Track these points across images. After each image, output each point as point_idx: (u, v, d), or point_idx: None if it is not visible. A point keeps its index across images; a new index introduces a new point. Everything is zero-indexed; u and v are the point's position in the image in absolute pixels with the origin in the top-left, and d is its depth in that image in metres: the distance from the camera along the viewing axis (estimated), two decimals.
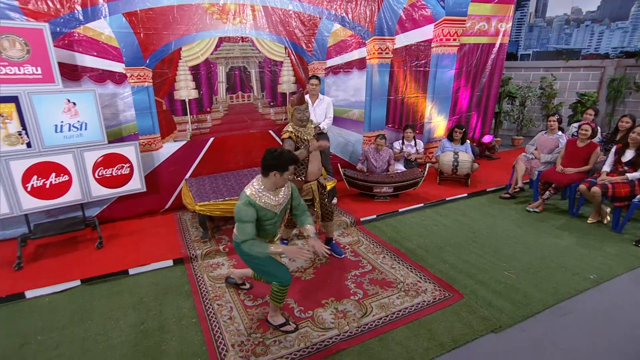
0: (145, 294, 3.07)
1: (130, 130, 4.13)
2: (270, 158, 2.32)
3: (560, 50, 7.70)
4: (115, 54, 3.87)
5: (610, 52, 7.16)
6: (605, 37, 7.30)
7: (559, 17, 7.72)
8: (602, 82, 6.75)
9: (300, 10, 4.61)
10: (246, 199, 2.34)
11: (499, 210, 4.70)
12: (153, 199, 4.42)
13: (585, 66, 6.94)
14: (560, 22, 7.71)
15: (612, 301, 2.92)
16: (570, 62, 7.07)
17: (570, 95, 7.12)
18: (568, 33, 7.68)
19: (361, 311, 2.77)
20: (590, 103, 6.67)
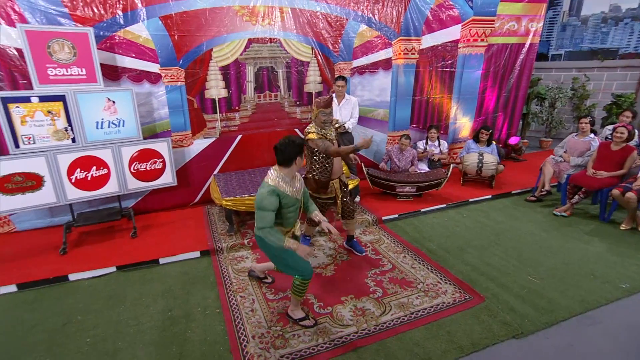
0: (174, 282, 3.13)
1: (164, 127, 4.23)
2: (291, 150, 2.32)
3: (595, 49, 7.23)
4: (151, 55, 3.97)
5: None
6: None
7: (595, 16, 7.29)
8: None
9: (328, 12, 4.56)
10: (270, 188, 2.31)
11: (524, 213, 4.48)
12: (184, 192, 4.52)
13: (622, 66, 6.48)
14: (597, 20, 7.27)
15: None
16: (606, 62, 6.63)
17: (604, 97, 6.68)
18: (605, 32, 7.23)
19: (380, 309, 2.70)
20: (627, 105, 6.23)
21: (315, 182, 3.15)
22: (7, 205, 3.46)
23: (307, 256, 2.43)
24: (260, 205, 2.29)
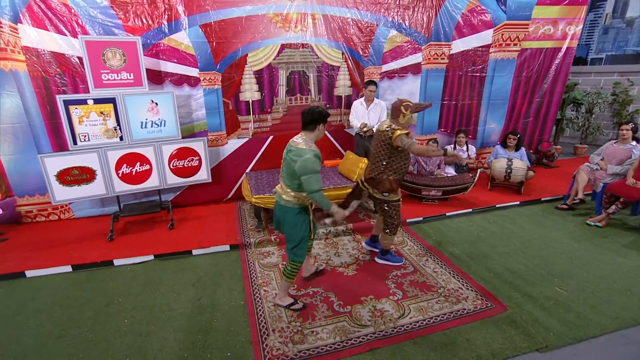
0: (204, 273, 3.18)
1: (201, 128, 4.33)
2: (317, 112, 2.37)
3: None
4: (191, 61, 4.07)
5: None
6: None
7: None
8: None
9: (358, 18, 4.46)
10: (313, 152, 2.29)
11: (554, 221, 4.15)
12: (218, 188, 4.60)
13: None
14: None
15: None
16: None
17: None
18: None
19: (399, 312, 2.60)
20: None
21: (391, 182, 2.87)
22: (66, 195, 3.69)
23: (341, 219, 2.53)
24: (311, 169, 2.25)
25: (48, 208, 4.17)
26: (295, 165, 2.28)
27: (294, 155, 2.33)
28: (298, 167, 2.26)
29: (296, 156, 2.30)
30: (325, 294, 2.83)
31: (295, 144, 2.39)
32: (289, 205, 2.44)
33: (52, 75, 3.77)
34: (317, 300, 2.74)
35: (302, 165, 2.25)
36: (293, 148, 2.37)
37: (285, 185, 2.44)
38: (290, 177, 2.39)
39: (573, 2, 5.28)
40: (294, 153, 2.34)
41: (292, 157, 2.33)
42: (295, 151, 2.34)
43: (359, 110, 4.33)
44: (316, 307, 2.67)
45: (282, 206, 2.46)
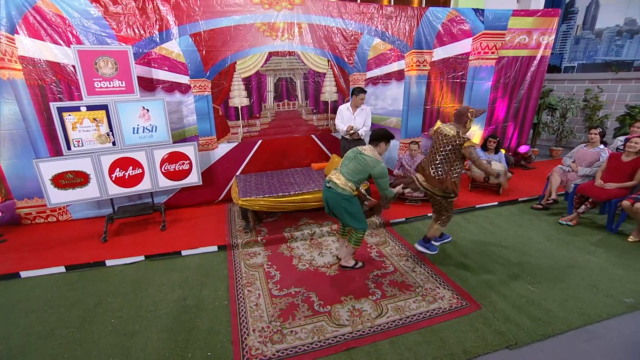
0: (192, 274, 3.10)
1: (192, 133, 4.24)
2: (382, 133, 2.91)
3: (609, 62, 6.61)
4: (182, 69, 3.98)
5: None
6: None
7: (610, 29, 6.62)
8: None
9: (343, 27, 4.39)
10: (382, 162, 2.85)
11: (530, 221, 4.12)
12: (209, 191, 4.52)
13: (637, 78, 5.86)
14: (611, 33, 6.61)
15: None
16: (621, 74, 6.02)
17: (617, 108, 6.07)
18: (619, 44, 6.56)
19: (377, 311, 2.53)
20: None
21: (454, 184, 3.01)
22: (61, 198, 3.60)
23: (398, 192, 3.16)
24: (384, 174, 2.82)
25: (46, 210, 4.06)
26: (373, 170, 2.81)
27: (369, 160, 2.82)
28: (378, 172, 2.81)
29: (373, 162, 2.81)
30: (307, 293, 2.76)
31: (364, 150, 2.90)
32: (345, 192, 2.85)
33: (48, 83, 3.67)
34: (298, 300, 2.67)
35: (380, 172, 2.81)
36: (365, 154, 2.86)
37: (346, 178, 2.86)
38: (356, 173, 2.85)
39: (545, 14, 5.25)
40: (368, 158, 2.83)
41: (368, 161, 2.82)
42: (369, 157, 2.84)
43: (345, 115, 4.27)
44: (297, 307, 2.60)
45: (338, 193, 2.85)
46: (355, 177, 2.84)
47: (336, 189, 2.84)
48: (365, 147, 2.92)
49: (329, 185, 2.91)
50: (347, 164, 2.90)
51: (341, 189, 2.83)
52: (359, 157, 2.86)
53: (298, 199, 3.73)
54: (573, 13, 6.96)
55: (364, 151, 2.87)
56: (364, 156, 2.84)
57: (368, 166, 2.80)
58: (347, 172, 2.86)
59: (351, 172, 2.85)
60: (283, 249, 3.49)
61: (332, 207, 2.93)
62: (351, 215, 2.87)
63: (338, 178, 2.87)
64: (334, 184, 2.87)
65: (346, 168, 2.88)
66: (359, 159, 2.85)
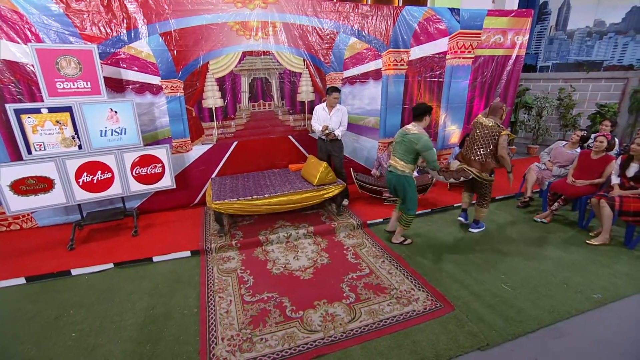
0: (162, 281, 2.99)
1: (165, 135, 4.10)
2: (423, 107, 3.10)
3: (581, 62, 6.77)
4: (152, 69, 3.84)
5: (635, 64, 6.17)
6: (630, 48, 6.31)
7: (581, 30, 6.80)
8: (625, 93, 5.81)
9: (319, 26, 4.33)
10: (426, 135, 3.06)
11: (506, 218, 4.16)
12: (184, 194, 4.39)
13: (607, 77, 6.02)
14: (582, 34, 6.78)
15: (614, 326, 2.40)
16: (592, 74, 6.17)
17: (589, 106, 6.23)
18: (590, 45, 6.74)
19: (350, 316, 2.48)
20: (610, 114, 5.79)
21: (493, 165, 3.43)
22: (22, 205, 3.41)
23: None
24: (430, 146, 3.04)
25: (8, 218, 3.85)
26: (417, 145, 3.03)
27: (412, 138, 3.05)
28: (421, 146, 3.02)
29: (415, 139, 3.04)
30: (280, 299, 2.69)
31: (409, 130, 3.12)
32: (405, 173, 3.18)
33: (6, 84, 3.47)
34: (270, 306, 2.60)
35: (424, 145, 3.02)
36: (410, 133, 3.09)
37: (401, 160, 3.17)
38: (407, 153, 3.14)
39: (519, 14, 5.33)
40: (411, 137, 3.07)
41: (411, 139, 3.06)
42: (412, 135, 3.07)
43: (320, 115, 4.21)
44: (269, 313, 2.53)
45: (399, 175, 3.19)
46: (408, 156, 3.15)
47: (396, 171, 3.23)
48: (409, 127, 3.16)
49: (390, 168, 3.30)
50: (398, 148, 3.22)
51: (400, 171, 3.20)
52: (405, 138, 3.15)
53: (274, 202, 3.65)
54: (546, 14, 7.11)
55: (408, 131, 3.13)
56: (408, 136, 3.11)
57: (412, 144, 3.07)
58: (400, 155, 3.20)
59: (403, 154, 3.18)
60: (258, 252, 3.41)
61: (395, 185, 3.30)
62: (408, 195, 3.24)
63: (395, 161, 3.24)
64: (393, 167, 3.26)
65: (398, 151, 3.21)
66: (405, 141, 3.14)
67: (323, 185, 3.84)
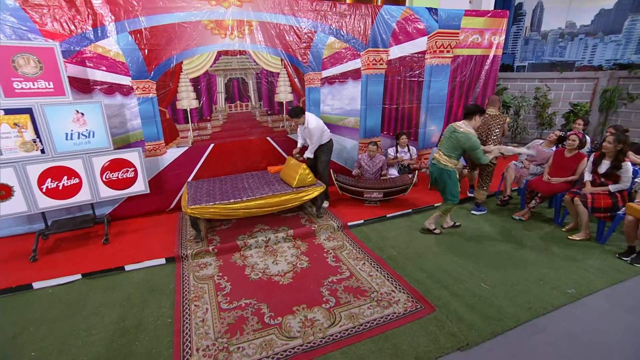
0: (134, 290, 2.88)
1: (137, 137, 3.97)
2: (474, 106, 3.36)
3: (554, 62, 7.04)
4: (122, 69, 3.71)
5: (604, 64, 6.46)
6: (599, 49, 6.61)
7: (554, 31, 7.07)
8: (595, 92, 6.08)
9: (296, 25, 4.31)
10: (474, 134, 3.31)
11: (486, 217, 4.25)
12: (159, 199, 4.26)
13: (578, 77, 6.28)
14: (555, 35, 7.06)
15: (587, 320, 2.48)
16: (565, 74, 6.43)
17: (564, 105, 6.48)
18: (562, 46, 7.02)
19: (329, 320, 2.46)
20: (582, 113, 6.04)
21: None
22: None
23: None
24: (475, 147, 3.28)
25: None
26: (465, 144, 3.28)
27: (461, 137, 3.28)
28: (469, 145, 3.27)
29: (464, 138, 3.27)
30: (258, 305, 2.64)
31: (458, 127, 3.33)
32: (448, 168, 3.40)
33: None
34: (247, 313, 2.55)
35: (472, 144, 3.26)
36: (459, 131, 3.31)
37: (446, 155, 3.39)
38: (453, 150, 3.36)
39: (495, 15, 5.48)
40: (461, 135, 3.29)
41: (460, 137, 3.29)
42: (462, 134, 3.29)
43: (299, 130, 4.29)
44: (246, 320, 2.48)
45: (442, 169, 3.42)
46: (454, 152, 3.37)
47: (439, 164, 3.45)
48: (459, 124, 3.37)
49: (433, 161, 3.52)
50: (444, 143, 3.44)
51: (443, 165, 3.42)
52: (452, 135, 3.36)
53: (252, 205, 3.60)
54: (521, 15, 7.35)
55: (458, 128, 3.34)
56: (456, 134, 3.33)
57: (460, 142, 3.30)
58: (446, 150, 3.41)
59: (449, 149, 3.38)
60: (236, 258, 3.35)
61: (437, 178, 3.52)
62: (449, 187, 3.45)
63: (440, 155, 3.46)
64: (437, 160, 3.47)
65: (444, 146, 3.43)
66: (453, 138, 3.36)
67: (302, 187, 3.81)
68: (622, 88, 5.77)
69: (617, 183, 3.40)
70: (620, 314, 2.55)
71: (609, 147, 3.37)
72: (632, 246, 3.23)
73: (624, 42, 6.33)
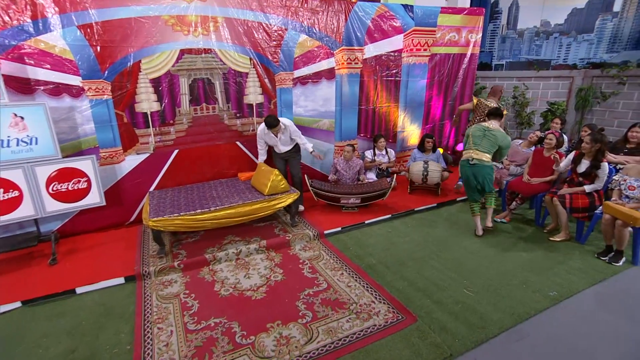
0: (87, 316, 2.74)
1: (90, 144, 3.81)
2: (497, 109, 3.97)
3: (531, 60, 7.41)
4: (70, 67, 3.56)
5: (578, 63, 6.87)
6: (573, 48, 7.03)
7: (530, 30, 7.46)
8: (571, 91, 6.44)
9: (265, 22, 4.30)
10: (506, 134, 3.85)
11: (467, 221, 4.37)
12: (117, 211, 4.10)
13: (555, 76, 6.63)
14: (531, 34, 7.45)
15: (569, 323, 2.59)
16: (541, 72, 6.77)
17: (542, 104, 6.81)
18: (538, 44, 7.41)
19: (306, 337, 2.44)
20: (560, 112, 6.37)
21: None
22: None
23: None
24: (509, 145, 3.86)
25: None
26: (502, 142, 3.75)
27: (499, 135, 3.76)
28: (506, 144, 3.78)
29: (502, 137, 3.77)
30: (228, 324, 2.58)
31: (490, 127, 3.80)
32: (486, 163, 3.76)
33: None
34: (217, 333, 2.48)
35: (508, 143, 3.80)
36: (493, 130, 3.78)
37: (486, 152, 3.76)
38: (492, 147, 3.76)
39: (471, 12, 5.72)
40: (498, 134, 3.76)
41: (498, 135, 3.75)
42: (499, 133, 3.78)
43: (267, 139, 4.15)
44: (216, 341, 2.41)
45: (486, 165, 3.77)
46: (492, 149, 3.76)
47: (482, 163, 3.75)
48: (490, 123, 3.82)
49: (473, 162, 3.78)
50: (480, 142, 3.78)
51: (487, 162, 3.76)
52: (488, 134, 3.76)
53: (221, 215, 3.53)
54: (498, 13, 7.69)
55: (491, 127, 3.78)
56: (492, 132, 3.75)
57: (498, 140, 3.74)
58: (485, 148, 3.75)
59: (489, 147, 3.75)
60: (204, 273, 3.27)
61: (480, 178, 3.80)
62: (488, 180, 3.81)
63: (480, 154, 3.76)
64: (479, 160, 3.75)
65: (483, 145, 3.76)
66: (489, 136, 3.76)
67: (275, 194, 3.78)
68: (595, 87, 6.15)
69: (594, 183, 3.59)
70: (602, 315, 2.69)
71: (587, 147, 3.56)
72: (609, 245, 3.41)
73: (596, 41, 6.76)
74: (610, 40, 6.60)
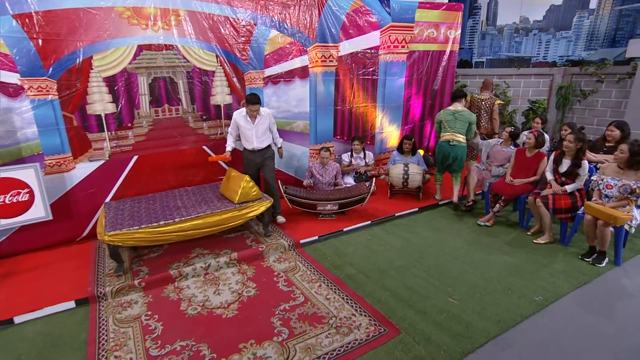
0: (28, 349, 2.58)
1: (33, 150, 3.65)
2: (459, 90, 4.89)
3: (512, 58, 7.76)
4: (6, 63, 3.38)
5: (558, 61, 7.26)
6: (552, 45, 7.43)
7: (509, 26, 7.83)
8: (552, 89, 6.79)
9: (233, 16, 4.29)
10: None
11: (450, 225, 4.50)
12: (67, 226, 3.94)
13: (535, 74, 6.97)
14: (510, 30, 7.81)
15: (555, 328, 2.71)
16: (522, 70, 7.10)
17: (523, 103, 7.14)
18: (518, 41, 7.78)
19: (282, 356, 2.43)
20: (541, 110, 6.69)
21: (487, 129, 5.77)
22: None
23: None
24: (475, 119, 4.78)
25: None
26: (471, 118, 4.66)
27: (467, 115, 4.67)
28: (473, 119, 4.68)
29: (469, 115, 4.68)
30: (196, 346, 2.52)
31: (457, 108, 4.67)
32: (461, 144, 4.65)
33: None
34: (184, 358, 2.42)
35: (474, 119, 4.68)
36: (459, 110, 4.67)
37: (458, 132, 4.62)
38: (462, 127, 4.62)
39: (450, 8, 5.93)
40: (466, 113, 4.67)
41: (466, 115, 4.66)
42: (466, 112, 4.69)
43: (242, 125, 4.10)
44: None
45: (463, 146, 4.68)
46: (464, 129, 4.62)
47: (459, 143, 4.63)
48: (455, 105, 4.69)
49: (453, 143, 4.62)
50: (454, 126, 4.62)
51: (463, 142, 4.66)
52: (458, 115, 4.62)
53: (187, 226, 3.47)
54: (477, 9, 8.02)
55: (458, 109, 4.65)
56: (461, 113, 4.62)
57: (467, 118, 4.61)
58: (459, 129, 4.61)
59: (462, 128, 4.60)
60: (169, 291, 3.19)
61: (457, 157, 4.69)
62: (463, 159, 4.79)
63: (456, 135, 4.61)
64: (457, 141, 4.61)
65: (456, 127, 4.61)
66: (459, 117, 4.61)
67: (246, 202, 3.75)
68: (574, 85, 6.52)
69: (575, 182, 3.79)
70: (587, 318, 2.83)
71: (570, 146, 3.76)
72: (592, 246, 3.61)
73: (574, 39, 7.17)
74: (588, 38, 7.03)
